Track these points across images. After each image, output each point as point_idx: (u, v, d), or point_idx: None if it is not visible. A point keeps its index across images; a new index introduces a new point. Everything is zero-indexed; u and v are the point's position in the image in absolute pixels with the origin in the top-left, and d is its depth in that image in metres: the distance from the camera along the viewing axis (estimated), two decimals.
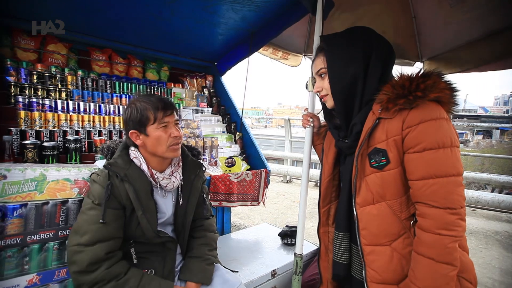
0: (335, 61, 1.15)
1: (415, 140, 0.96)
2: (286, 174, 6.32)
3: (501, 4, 1.63)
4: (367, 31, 1.16)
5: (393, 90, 1.01)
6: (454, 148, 0.94)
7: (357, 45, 1.12)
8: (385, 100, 1.02)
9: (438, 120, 0.95)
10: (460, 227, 0.91)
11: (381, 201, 1.05)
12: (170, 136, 1.24)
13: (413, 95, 0.97)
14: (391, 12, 2.08)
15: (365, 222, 1.09)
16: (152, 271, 1.27)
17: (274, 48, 2.71)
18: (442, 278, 0.91)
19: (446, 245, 0.90)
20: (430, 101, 0.98)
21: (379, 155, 1.04)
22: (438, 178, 0.92)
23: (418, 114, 0.97)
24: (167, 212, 1.33)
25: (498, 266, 2.99)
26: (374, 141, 1.06)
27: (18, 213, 1.19)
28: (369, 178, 1.07)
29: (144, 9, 1.99)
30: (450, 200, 0.91)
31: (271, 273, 1.75)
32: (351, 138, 1.15)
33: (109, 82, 2.29)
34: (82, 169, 1.37)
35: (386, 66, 1.12)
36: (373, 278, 1.06)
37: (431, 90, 0.97)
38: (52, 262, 1.25)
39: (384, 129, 1.03)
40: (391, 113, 1.02)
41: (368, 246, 1.08)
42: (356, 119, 1.13)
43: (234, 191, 2.29)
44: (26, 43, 1.96)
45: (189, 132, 2.49)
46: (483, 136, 25.60)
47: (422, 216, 0.95)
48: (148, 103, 1.22)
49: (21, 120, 1.72)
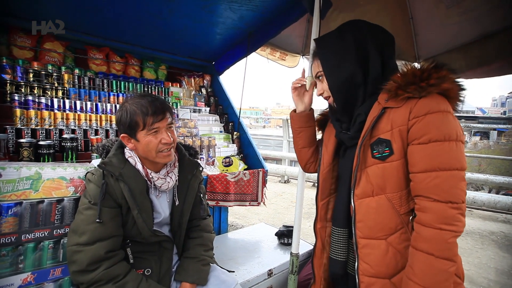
0: (328, 62, 1.14)
1: (421, 131, 0.94)
2: (284, 174, 6.33)
3: (496, 7, 1.64)
4: (356, 23, 1.13)
5: (403, 78, 0.99)
6: (459, 142, 0.92)
7: (347, 39, 1.10)
8: (394, 87, 0.99)
9: (445, 113, 0.93)
10: (461, 222, 0.89)
11: (381, 194, 1.03)
12: (161, 142, 1.20)
13: (426, 83, 0.95)
14: (388, 13, 2.08)
15: (362, 215, 1.06)
16: (149, 271, 1.27)
17: (272, 48, 2.71)
18: (441, 274, 0.89)
19: (447, 240, 0.88)
20: (438, 94, 0.96)
21: (383, 145, 1.01)
22: (441, 171, 0.90)
23: (426, 105, 0.94)
24: (163, 212, 1.32)
25: (494, 266, 3.00)
26: (378, 131, 1.04)
27: (13, 212, 1.18)
28: (370, 169, 1.05)
29: (142, 8, 1.98)
30: (453, 194, 0.89)
31: (268, 273, 1.75)
32: (354, 129, 1.12)
33: (106, 81, 2.28)
34: (78, 168, 1.36)
35: (385, 52, 1.09)
36: (366, 271, 1.05)
37: (444, 80, 0.95)
38: (47, 261, 1.24)
39: (390, 119, 1.01)
40: (399, 100, 0.99)
41: (363, 239, 1.06)
42: (360, 109, 1.10)
43: (231, 191, 2.29)
44: (22, 41, 1.95)
45: (186, 132, 2.48)
46: (480, 137, 25.67)
47: (422, 210, 0.93)
48: (137, 107, 1.17)
49: (17, 119, 1.71)
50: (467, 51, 1.92)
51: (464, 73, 1.99)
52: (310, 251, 2.00)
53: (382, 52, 1.08)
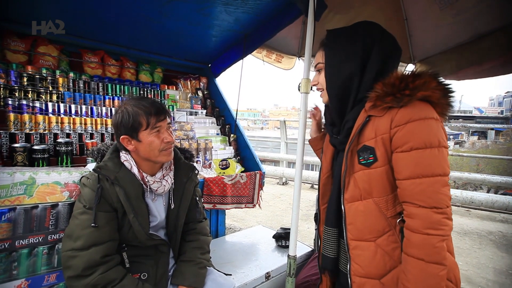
0: (333, 57, 1.16)
1: (403, 139, 0.97)
2: (282, 176, 6.32)
3: (487, 9, 1.65)
4: (371, 26, 1.15)
5: (383, 88, 1.02)
6: (441, 148, 0.95)
7: (357, 41, 1.11)
8: (374, 98, 1.03)
9: (427, 120, 0.95)
10: (447, 226, 0.92)
11: (368, 198, 1.06)
12: (163, 141, 1.23)
13: (401, 93, 0.98)
14: (383, 14, 2.10)
15: (351, 218, 1.10)
16: (145, 275, 1.26)
17: (268, 50, 2.72)
18: (433, 278, 0.91)
19: (434, 244, 0.91)
20: (420, 101, 0.98)
21: (367, 152, 1.05)
22: (424, 178, 0.93)
23: (407, 113, 0.97)
24: (159, 215, 1.32)
25: (492, 266, 3.00)
26: (363, 138, 1.07)
27: (6, 218, 1.17)
28: (357, 175, 1.09)
29: (137, 11, 1.98)
30: (436, 199, 0.92)
31: (265, 276, 1.74)
32: (343, 134, 1.16)
33: (101, 84, 2.27)
34: (73, 172, 1.36)
35: (387, 62, 1.11)
36: (357, 271, 1.08)
37: (420, 89, 0.97)
38: (41, 267, 1.23)
39: (374, 127, 1.04)
40: (379, 110, 1.03)
41: (354, 241, 1.10)
42: (349, 115, 1.14)
43: (228, 194, 2.28)
44: (16, 45, 1.94)
45: (182, 134, 2.47)
46: (478, 136, 25.82)
47: (410, 216, 0.96)
48: (140, 108, 1.19)
49: (11, 123, 1.70)
50: (459, 52, 1.94)
51: (456, 74, 2.02)
52: (308, 253, 1.99)
53: (385, 61, 1.10)
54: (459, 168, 10.28)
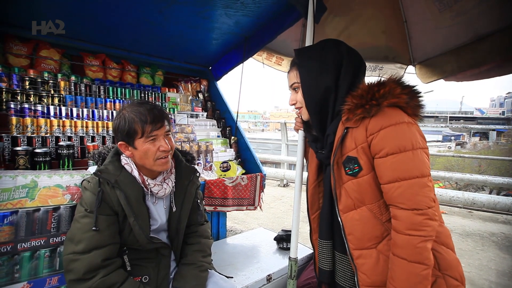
0: (308, 75, 1.19)
1: (378, 146, 1.02)
2: (283, 178, 6.30)
3: (486, 10, 1.66)
4: (338, 43, 1.20)
5: (353, 100, 1.07)
6: (416, 150, 0.99)
7: (327, 57, 1.16)
8: (346, 111, 1.08)
9: (398, 125, 1.00)
10: (429, 227, 0.95)
11: (362, 206, 1.09)
12: (159, 150, 1.20)
13: (369, 104, 1.03)
14: (382, 16, 2.10)
15: (349, 228, 1.12)
16: (146, 278, 1.26)
17: (268, 53, 2.72)
18: (414, 277, 0.95)
19: (416, 245, 0.94)
20: (389, 107, 1.03)
21: (352, 162, 1.09)
22: (402, 181, 0.97)
23: (378, 121, 1.02)
24: (159, 218, 1.32)
25: (495, 268, 2.99)
26: (346, 150, 1.11)
27: (8, 221, 1.17)
28: (347, 185, 1.12)
29: (138, 15, 1.99)
30: (416, 201, 0.95)
31: (267, 278, 1.74)
32: (327, 149, 1.20)
33: (102, 87, 2.28)
34: (75, 175, 1.36)
35: (356, 76, 1.16)
36: (364, 281, 1.09)
37: (385, 97, 1.03)
38: (43, 269, 1.24)
39: (353, 138, 1.09)
40: (354, 122, 1.07)
41: (356, 250, 1.11)
42: (329, 129, 1.18)
43: (229, 196, 2.28)
44: (18, 48, 1.96)
45: (183, 137, 2.48)
46: (479, 137, 25.76)
47: (395, 218, 1.00)
48: (136, 115, 1.17)
49: (13, 127, 1.70)
50: (459, 53, 1.95)
51: (455, 76, 2.03)
52: (309, 255, 1.99)
53: (353, 75, 1.15)
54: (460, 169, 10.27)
